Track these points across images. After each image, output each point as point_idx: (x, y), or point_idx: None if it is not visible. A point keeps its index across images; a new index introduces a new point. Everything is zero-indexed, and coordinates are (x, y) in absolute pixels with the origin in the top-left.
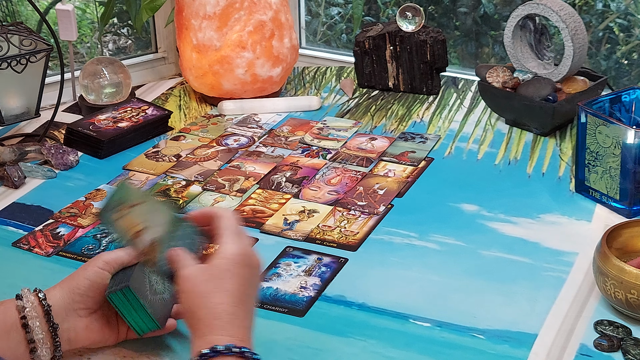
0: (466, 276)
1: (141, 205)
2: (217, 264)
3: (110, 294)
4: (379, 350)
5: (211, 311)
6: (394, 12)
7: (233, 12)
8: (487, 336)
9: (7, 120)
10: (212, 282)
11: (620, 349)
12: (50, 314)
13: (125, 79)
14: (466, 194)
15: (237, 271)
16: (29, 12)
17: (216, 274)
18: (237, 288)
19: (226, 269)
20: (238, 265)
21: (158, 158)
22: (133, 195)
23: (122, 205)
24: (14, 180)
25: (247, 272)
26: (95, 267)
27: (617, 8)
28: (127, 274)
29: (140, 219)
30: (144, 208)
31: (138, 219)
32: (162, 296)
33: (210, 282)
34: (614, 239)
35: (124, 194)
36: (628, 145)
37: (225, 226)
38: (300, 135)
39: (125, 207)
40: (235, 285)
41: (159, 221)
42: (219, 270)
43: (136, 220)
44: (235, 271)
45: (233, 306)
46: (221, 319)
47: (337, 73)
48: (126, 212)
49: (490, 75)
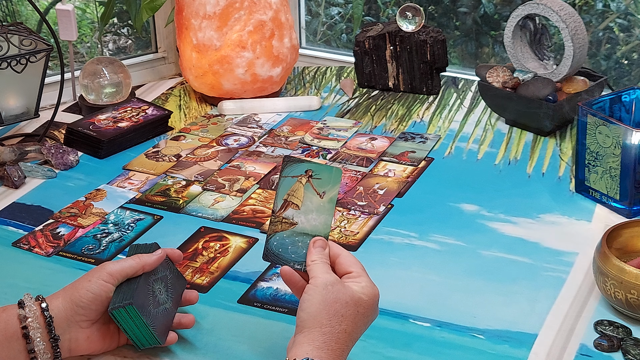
0: (466, 276)
1: (320, 198)
2: (360, 296)
3: (113, 311)
4: (379, 350)
5: (334, 333)
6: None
7: (233, 11)
8: (487, 336)
9: (7, 120)
10: (350, 309)
11: (620, 349)
12: (52, 325)
13: (125, 79)
14: (466, 194)
15: (369, 313)
16: (29, 12)
17: (356, 304)
18: (359, 328)
19: (365, 306)
20: (370, 308)
21: (158, 158)
22: (330, 186)
23: (315, 178)
24: (14, 180)
25: (371, 320)
26: (100, 280)
27: (617, 8)
28: (131, 287)
29: (305, 202)
30: (318, 202)
31: (305, 199)
32: (165, 306)
33: (349, 307)
34: (614, 239)
35: (328, 177)
36: (628, 145)
37: (361, 265)
38: (300, 135)
39: (311, 182)
40: (358, 324)
41: (312, 220)
42: (360, 304)
43: (302, 198)
44: (366, 312)
45: (348, 342)
46: (339, 346)
47: (337, 73)
48: (307, 185)
49: (490, 75)
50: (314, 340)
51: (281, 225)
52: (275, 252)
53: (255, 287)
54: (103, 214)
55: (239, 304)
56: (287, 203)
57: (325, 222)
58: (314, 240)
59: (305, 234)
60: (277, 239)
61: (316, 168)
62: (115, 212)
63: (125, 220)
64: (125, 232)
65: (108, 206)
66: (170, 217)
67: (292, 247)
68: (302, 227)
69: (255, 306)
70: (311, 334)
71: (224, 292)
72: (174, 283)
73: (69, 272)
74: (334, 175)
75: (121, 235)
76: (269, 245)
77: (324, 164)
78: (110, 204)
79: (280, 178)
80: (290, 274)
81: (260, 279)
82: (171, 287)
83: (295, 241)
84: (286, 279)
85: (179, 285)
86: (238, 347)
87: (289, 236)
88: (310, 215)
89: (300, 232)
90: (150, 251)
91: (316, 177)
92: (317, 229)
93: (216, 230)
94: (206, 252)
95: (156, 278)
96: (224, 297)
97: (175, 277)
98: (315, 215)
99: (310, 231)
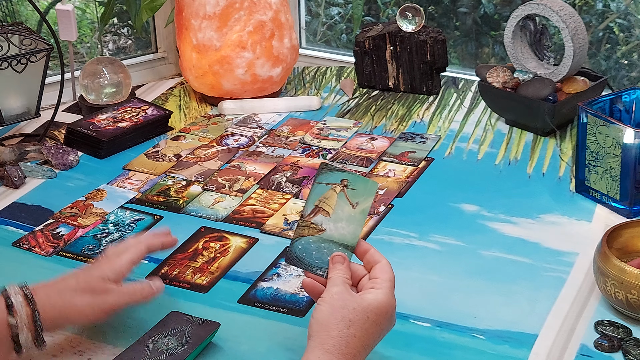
0: (466, 276)
1: (352, 209)
2: (370, 302)
3: None
4: (379, 350)
5: (343, 337)
6: (394, 12)
7: (233, 12)
8: (488, 336)
9: (7, 120)
10: (359, 315)
11: (621, 349)
12: (41, 334)
13: (125, 79)
14: (466, 194)
15: (381, 321)
16: (29, 12)
17: (365, 310)
18: (370, 335)
19: (376, 312)
20: (383, 316)
21: (158, 158)
22: (363, 199)
23: (349, 189)
24: (14, 180)
25: (386, 328)
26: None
27: (617, 8)
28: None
29: (337, 210)
30: (350, 211)
31: (337, 207)
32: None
33: (357, 313)
34: (614, 239)
35: (363, 189)
36: (628, 146)
37: (388, 275)
38: (300, 135)
39: (345, 192)
40: (369, 331)
41: (341, 229)
42: (370, 310)
43: (334, 206)
44: (379, 320)
45: (360, 348)
46: (349, 350)
47: (337, 73)
48: (340, 194)
49: (490, 75)
50: (323, 344)
51: (309, 230)
52: (298, 256)
53: (256, 287)
54: (103, 214)
55: (239, 304)
56: (317, 209)
57: (354, 232)
58: (333, 257)
59: (332, 242)
60: (302, 242)
61: (352, 178)
62: (115, 212)
63: (126, 220)
64: (126, 232)
65: (108, 206)
66: (170, 217)
67: (316, 252)
68: (330, 235)
69: (256, 306)
70: (320, 338)
71: (224, 292)
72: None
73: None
74: (369, 188)
75: (121, 235)
76: (293, 248)
77: (360, 176)
78: (110, 204)
79: (314, 184)
80: (312, 285)
81: (260, 279)
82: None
83: (321, 247)
84: (308, 290)
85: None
86: (238, 347)
87: (315, 242)
88: (339, 223)
89: (327, 239)
90: None
91: (351, 188)
92: (344, 238)
93: (216, 230)
94: (206, 252)
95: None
96: (224, 297)
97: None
98: (344, 224)
99: (337, 239)
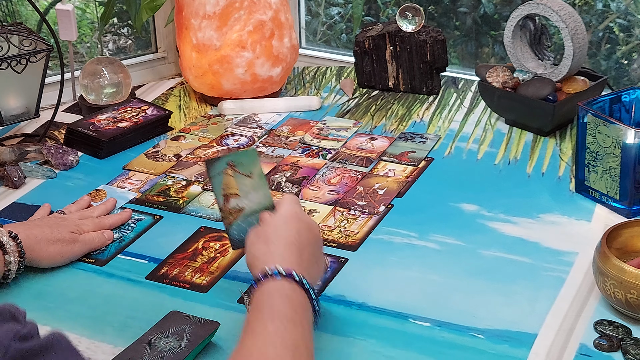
0: (466, 276)
1: (250, 179)
2: (274, 218)
3: None
4: (379, 350)
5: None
6: (394, 12)
7: (233, 11)
8: (487, 336)
9: (7, 120)
10: (272, 228)
11: (620, 349)
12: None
13: (125, 79)
14: (466, 194)
15: (292, 221)
16: (29, 12)
17: (274, 224)
18: (292, 235)
19: (283, 221)
20: (291, 220)
21: (158, 158)
22: (253, 166)
23: (238, 166)
24: (14, 180)
25: (301, 226)
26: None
27: (617, 8)
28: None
29: (241, 187)
30: (251, 182)
31: (239, 185)
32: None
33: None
34: (614, 239)
35: (247, 160)
36: (628, 145)
37: (285, 197)
38: (300, 135)
39: (237, 170)
40: (290, 232)
41: (254, 199)
42: (275, 223)
43: (236, 186)
44: (289, 222)
45: (286, 247)
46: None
47: (337, 73)
48: (234, 173)
49: (490, 75)
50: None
51: (232, 215)
52: (238, 239)
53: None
54: None
55: (239, 303)
56: (227, 196)
57: (265, 194)
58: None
59: (255, 211)
60: (235, 227)
61: (234, 157)
62: (115, 212)
63: None
64: (125, 232)
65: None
66: (170, 217)
67: (250, 227)
68: (251, 207)
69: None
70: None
71: (224, 292)
72: (195, 332)
73: (69, 271)
74: (250, 155)
75: (121, 235)
76: (231, 235)
77: (239, 151)
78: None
79: (210, 180)
80: None
81: None
82: (190, 336)
83: (250, 222)
84: None
85: (204, 330)
86: None
87: (243, 221)
88: (250, 195)
89: (250, 212)
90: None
91: (239, 164)
92: (262, 203)
93: (216, 230)
94: (206, 252)
95: (161, 336)
96: (224, 297)
97: (199, 326)
98: (254, 193)
99: (257, 207)
